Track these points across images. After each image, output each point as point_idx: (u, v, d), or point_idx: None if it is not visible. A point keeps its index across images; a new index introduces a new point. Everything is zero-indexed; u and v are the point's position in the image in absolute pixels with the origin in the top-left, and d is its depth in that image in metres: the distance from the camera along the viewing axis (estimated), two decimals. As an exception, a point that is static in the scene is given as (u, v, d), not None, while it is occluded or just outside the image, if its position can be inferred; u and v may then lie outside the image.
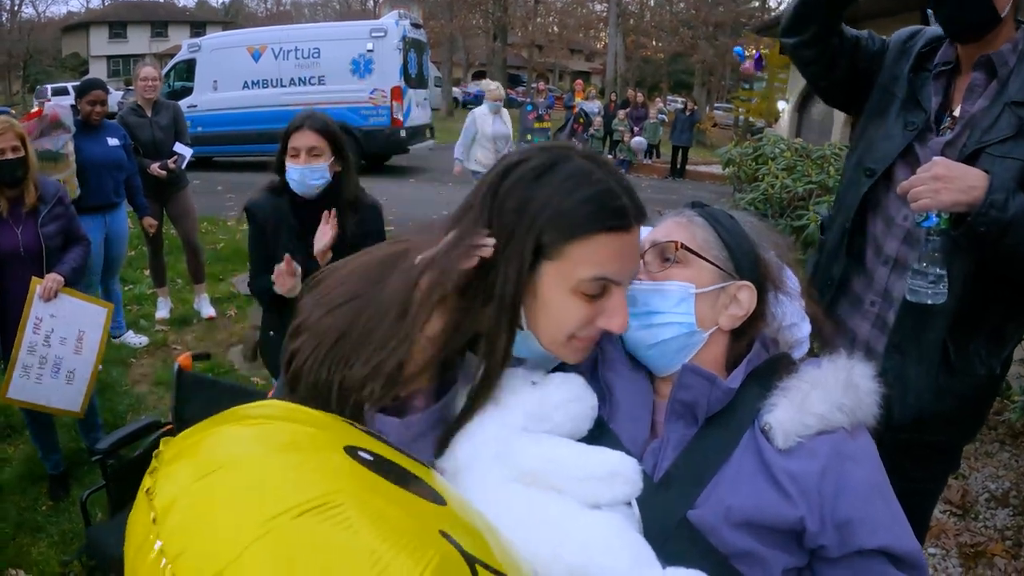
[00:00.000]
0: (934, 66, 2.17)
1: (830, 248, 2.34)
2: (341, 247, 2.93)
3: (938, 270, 1.91)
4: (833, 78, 2.36)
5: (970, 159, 1.97)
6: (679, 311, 1.26)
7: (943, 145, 2.08)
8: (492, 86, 9.01)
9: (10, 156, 3.47)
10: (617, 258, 1.13)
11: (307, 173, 3.02)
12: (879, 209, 2.23)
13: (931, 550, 3.55)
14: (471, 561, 0.70)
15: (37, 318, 3.52)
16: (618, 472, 1.07)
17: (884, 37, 2.35)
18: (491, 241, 1.10)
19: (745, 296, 1.28)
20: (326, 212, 2.99)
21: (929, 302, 1.94)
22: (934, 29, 2.22)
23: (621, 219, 1.11)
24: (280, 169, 3.09)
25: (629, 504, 1.10)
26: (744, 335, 1.30)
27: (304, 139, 3.01)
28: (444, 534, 0.71)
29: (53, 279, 3.56)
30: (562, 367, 1.29)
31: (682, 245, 1.28)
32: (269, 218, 3.13)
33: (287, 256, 2.88)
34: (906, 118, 2.17)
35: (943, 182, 1.85)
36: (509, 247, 1.11)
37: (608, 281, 1.13)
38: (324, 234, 2.98)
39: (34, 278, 3.53)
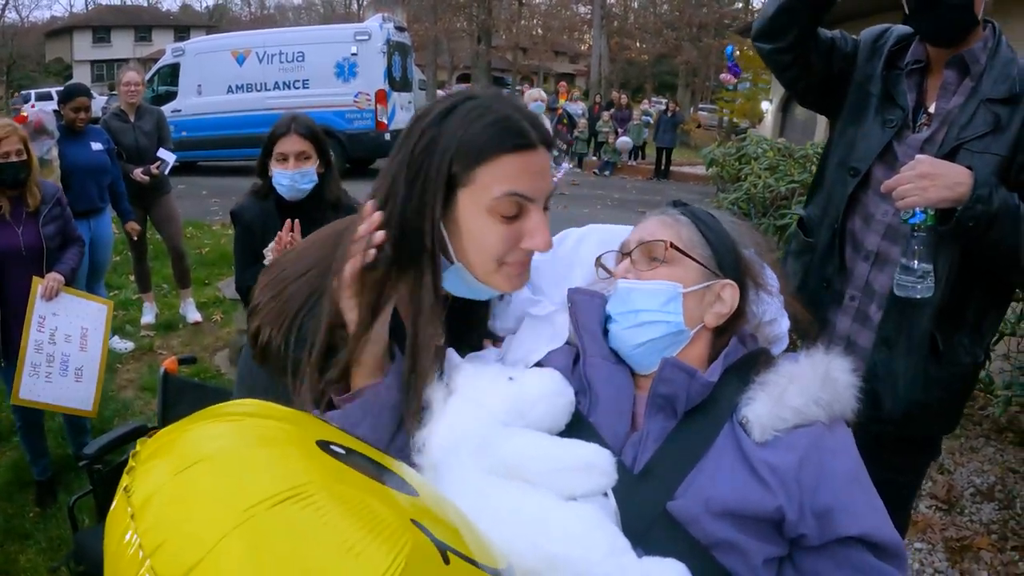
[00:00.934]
0: (905, 64, 2.20)
1: (822, 249, 2.35)
2: None
3: (925, 265, 1.96)
4: (810, 81, 2.37)
5: (949, 156, 2.02)
6: (667, 310, 1.28)
7: (922, 142, 2.12)
8: (535, 90, 7.81)
9: (14, 159, 3.55)
10: (526, 175, 1.18)
11: (297, 178, 3.03)
12: (858, 206, 2.27)
13: (917, 544, 3.58)
14: (443, 548, 0.71)
15: (40, 316, 3.56)
16: (593, 464, 1.09)
17: (855, 37, 2.37)
18: (376, 217, 1.18)
19: (728, 294, 1.30)
20: (288, 221, 2.90)
21: (918, 296, 1.99)
22: (903, 27, 2.25)
23: (523, 138, 1.17)
24: (263, 173, 3.08)
25: (605, 495, 1.11)
26: (726, 332, 1.32)
27: (292, 144, 3.02)
28: (416, 523, 0.72)
29: (54, 278, 3.61)
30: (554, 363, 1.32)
31: (671, 244, 1.30)
32: (256, 221, 3.13)
33: (288, 221, 2.87)
34: (884, 116, 2.20)
35: (929, 179, 1.90)
36: (422, 184, 1.17)
37: (520, 198, 1.18)
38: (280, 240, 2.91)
39: (35, 277, 3.57)
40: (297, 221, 2.91)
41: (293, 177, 3.01)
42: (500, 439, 1.13)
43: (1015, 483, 4.13)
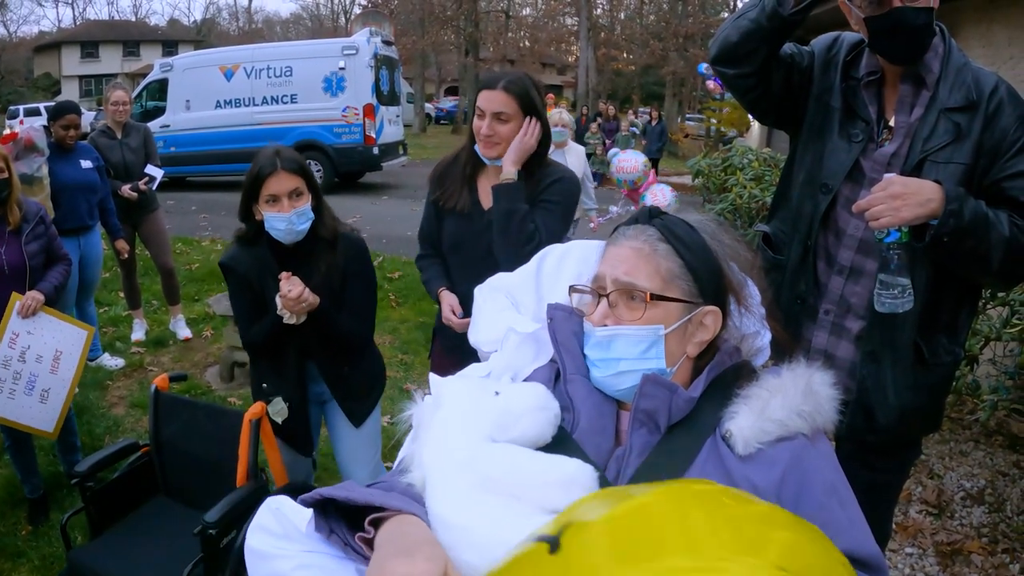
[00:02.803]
0: (861, 76, 2.21)
1: (793, 265, 2.36)
2: (328, 287, 2.85)
3: (903, 280, 1.99)
4: (770, 100, 2.36)
5: (915, 169, 2.05)
6: (649, 356, 1.27)
7: (888, 157, 2.14)
8: (556, 113, 6.79)
9: None
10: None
11: (294, 219, 2.73)
12: (828, 222, 2.28)
13: (908, 549, 3.59)
14: None
15: (14, 333, 3.49)
16: (575, 479, 1.10)
17: (808, 48, 2.36)
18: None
19: (711, 320, 1.30)
20: (283, 274, 2.72)
21: (900, 311, 2.02)
22: (852, 35, 2.26)
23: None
24: (247, 217, 2.83)
25: None
26: (707, 352, 1.33)
27: (282, 183, 2.70)
28: None
29: (33, 296, 3.55)
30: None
31: (652, 296, 1.27)
32: (252, 272, 2.86)
33: (284, 274, 2.73)
34: (848, 130, 2.21)
35: (901, 199, 1.92)
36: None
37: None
38: (293, 287, 2.70)
39: (15, 293, 3.51)
40: (290, 274, 2.73)
41: (290, 220, 2.72)
42: (485, 455, 1.14)
43: (1005, 486, 4.15)
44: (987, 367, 3.94)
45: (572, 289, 1.42)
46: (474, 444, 1.16)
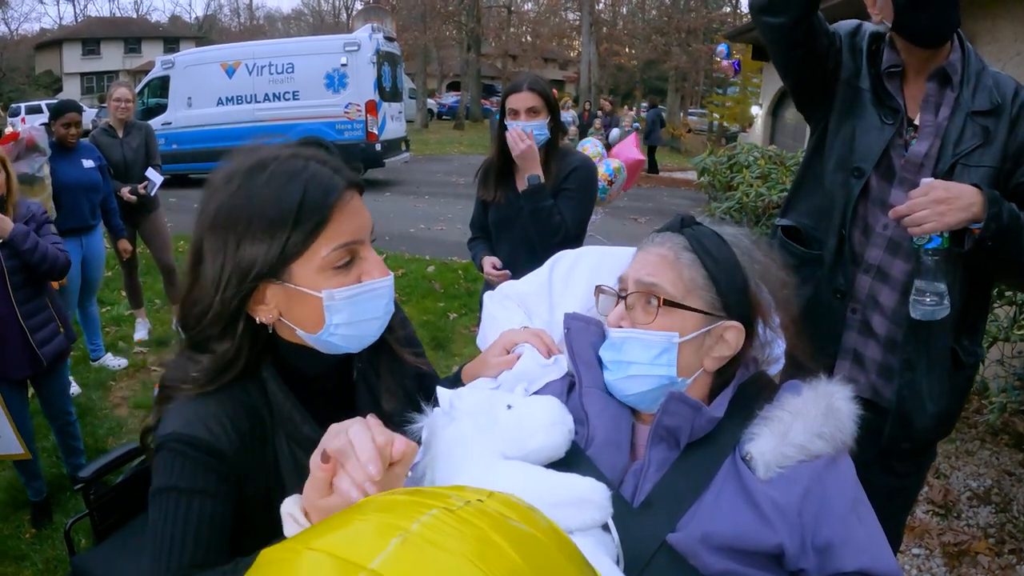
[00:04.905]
0: (884, 68, 2.19)
1: (831, 258, 2.30)
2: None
3: (942, 287, 1.97)
4: (814, 65, 2.27)
5: (947, 172, 2.03)
6: (660, 363, 1.25)
7: (921, 157, 2.12)
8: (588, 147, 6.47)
9: None
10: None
11: None
12: (856, 218, 2.25)
13: (915, 550, 3.58)
14: None
15: None
16: (588, 498, 1.08)
17: (836, 32, 2.31)
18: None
19: (732, 336, 1.27)
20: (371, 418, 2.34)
21: (937, 318, 2.00)
22: (873, 26, 2.23)
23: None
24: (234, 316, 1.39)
25: (605, 527, 1.11)
26: (729, 367, 1.30)
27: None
28: None
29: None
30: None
31: (665, 301, 1.26)
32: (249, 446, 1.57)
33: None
34: (880, 112, 2.18)
35: (946, 204, 1.90)
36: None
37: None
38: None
39: None
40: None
41: None
42: (497, 473, 1.12)
43: (1011, 486, 4.13)
44: (995, 367, 3.92)
45: (598, 289, 1.40)
46: (486, 462, 1.15)
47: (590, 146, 6.68)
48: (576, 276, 1.55)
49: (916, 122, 2.15)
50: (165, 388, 1.29)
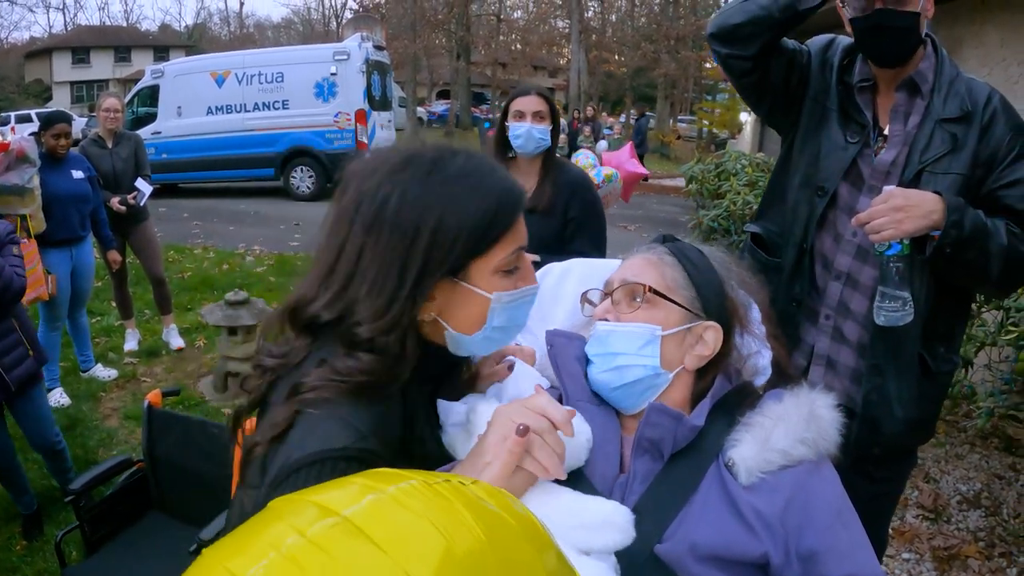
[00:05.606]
0: (855, 82, 2.21)
1: (789, 268, 2.36)
2: None
3: (904, 293, 2.00)
4: (767, 90, 2.35)
5: (913, 180, 2.06)
6: (644, 353, 1.28)
7: (888, 165, 2.14)
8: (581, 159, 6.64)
9: None
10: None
11: None
12: (826, 225, 2.28)
13: (905, 555, 3.59)
14: None
15: None
16: (611, 521, 1.09)
17: (806, 47, 2.36)
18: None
19: (711, 336, 1.30)
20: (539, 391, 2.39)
21: (900, 324, 2.02)
22: (848, 39, 2.26)
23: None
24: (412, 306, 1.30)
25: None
26: (708, 372, 1.33)
27: None
28: None
29: None
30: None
31: (651, 288, 1.30)
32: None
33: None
34: (845, 132, 2.21)
35: (903, 211, 1.93)
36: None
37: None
38: None
39: None
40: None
41: None
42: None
43: (1001, 489, 4.15)
44: (983, 372, 3.94)
45: (584, 297, 1.44)
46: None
47: (582, 158, 6.69)
48: (565, 288, 1.56)
49: (886, 132, 2.18)
50: (314, 388, 1.11)
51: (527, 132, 3.30)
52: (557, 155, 3.48)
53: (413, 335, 1.17)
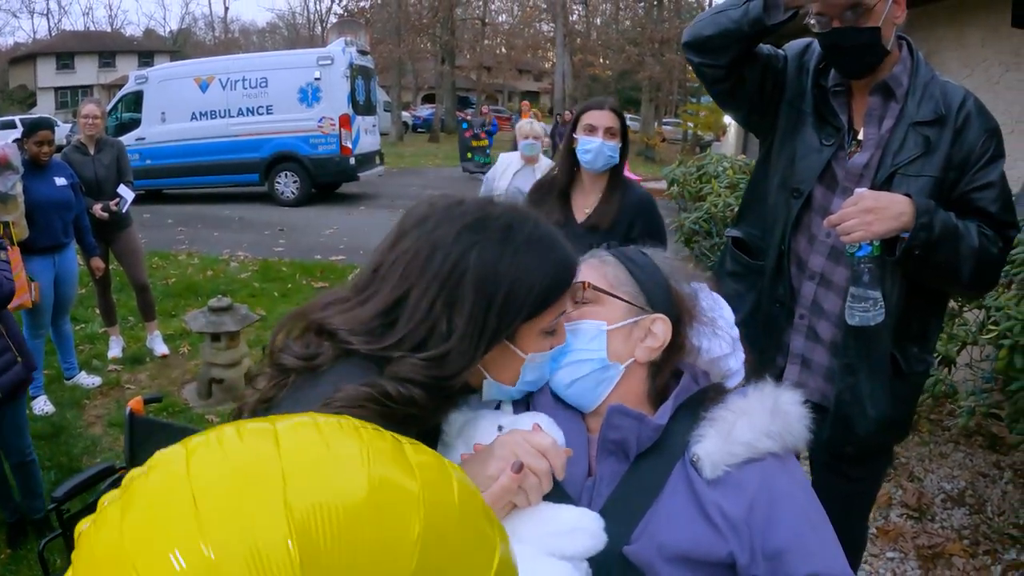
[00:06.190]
0: (830, 86, 2.24)
1: (771, 270, 2.38)
2: None
3: (875, 293, 2.03)
4: (742, 98, 2.38)
5: (886, 182, 2.08)
6: (591, 347, 1.30)
7: (861, 167, 2.17)
8: (527, 124, 6.30)
9: None
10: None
11: None
12: (801, 227, 2.31)
13: (889, 554, 3.60)
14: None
15: None
16: (580, 527, 1.11)
17: (783, 52, 2.39)
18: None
19: (660, 328, 1.32)
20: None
21: (871, 324, 2.05)
22: None
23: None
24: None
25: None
26: (664, 367, 1.34)
27: None
28: None
29: None
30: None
31: (589, 285, 1.33)
32: None
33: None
34: (820, 135, 2.24)
35: (873, 214, 1.95)
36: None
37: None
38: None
39: None
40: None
41: None
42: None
43: (986, 487, 4.17)
44: (964, 371, 3.96)
45: None
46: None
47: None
48: None
49: (860, 136, 2.20)
50: (351, 406, 1.08)
51: (598, 148, 3.26)
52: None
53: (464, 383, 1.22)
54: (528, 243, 1.17)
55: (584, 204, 3.41)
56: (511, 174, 5.88)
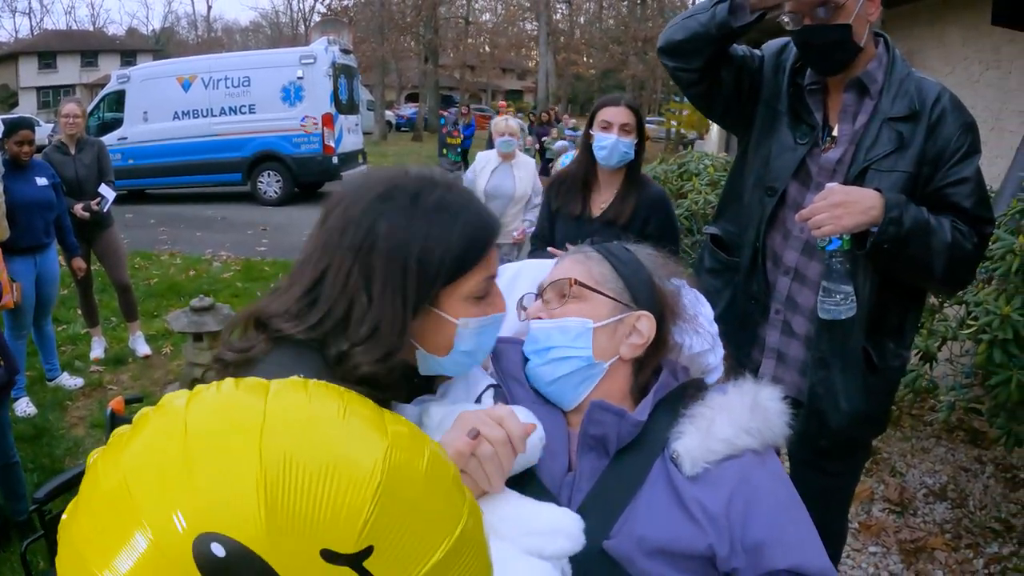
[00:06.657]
0: (806, 84, 2.26)
1: (746, 267, 2.40)
2: None
3: (846, 287, 2.04)
4: (718, 99, 2.40)
5: (858, 177, 2.09)
6: (577, 345, 1.30)
7: (834, 163, 2.18)
8: (502, 121, 6.29)
9: None
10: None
11: None
12: (776, 223, 2.32)
13: (872, 548, 3.62)
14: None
15: None
16: (559, 528, 1.10)
17: (760, 52, 2.41)
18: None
19: (644, 325, 1.33)
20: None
21: (843, 317, 2.06)
22: None
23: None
24: None
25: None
26: (647, 363, 1.35)
27: None
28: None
29: None
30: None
31: (576, 281, 1.34)
32: None
33: None
34: (795, 134, 2.25)
35: (843, 208, 1.96)
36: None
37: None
38: None
39: None
40: None
41: None
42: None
43: (967, 481, 4.20)
44: (944, 366, 3.99)
45: (519, 304, 1.47)
46: None
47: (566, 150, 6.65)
48: (518, 287, 1.57)
49: (835, 132, 2.21)
50: None
51: (613, 144, 3.31)
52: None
53: (401, 361, 1.21)
54: (437, 208, 1.17)
55: (601, 199, 3.49)
56: (489, 172, 6.04)
